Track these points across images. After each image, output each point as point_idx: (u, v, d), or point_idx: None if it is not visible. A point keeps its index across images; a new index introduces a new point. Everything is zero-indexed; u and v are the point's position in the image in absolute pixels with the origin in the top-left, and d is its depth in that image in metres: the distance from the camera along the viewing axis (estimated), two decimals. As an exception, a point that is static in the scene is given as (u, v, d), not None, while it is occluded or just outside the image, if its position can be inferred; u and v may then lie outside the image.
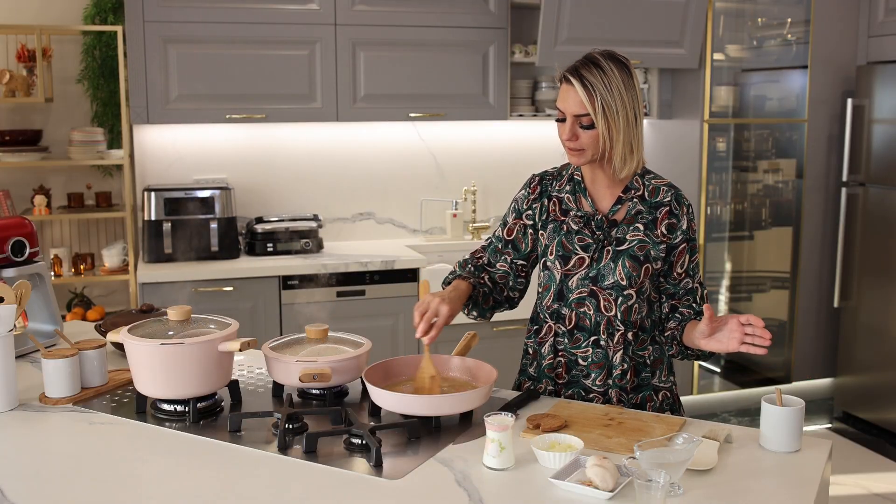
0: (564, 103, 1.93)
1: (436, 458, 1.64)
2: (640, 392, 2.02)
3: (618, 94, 1.88)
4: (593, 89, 1.87)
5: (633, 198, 2.00)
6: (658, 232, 1.97)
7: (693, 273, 2.01)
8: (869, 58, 4.53)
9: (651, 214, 1.98)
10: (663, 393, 2.05)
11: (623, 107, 1.89)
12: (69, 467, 1.62)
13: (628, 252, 1.96)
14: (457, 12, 4.12)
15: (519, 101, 4.43)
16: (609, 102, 1.87)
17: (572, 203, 2.04)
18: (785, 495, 1.50)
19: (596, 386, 2.00)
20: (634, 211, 1.99)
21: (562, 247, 2.00)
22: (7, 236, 2.27)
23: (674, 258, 1.99)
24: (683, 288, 2.01)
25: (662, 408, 2.04)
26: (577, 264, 1.99)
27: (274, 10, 3.90)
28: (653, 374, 2.03)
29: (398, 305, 3.94)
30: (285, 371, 1.92)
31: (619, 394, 1.99)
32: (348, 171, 4.41)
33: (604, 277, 1.97)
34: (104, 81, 4.08)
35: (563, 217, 2.03)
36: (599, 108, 1.87)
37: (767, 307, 4.92)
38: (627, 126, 1.90)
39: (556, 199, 2.06)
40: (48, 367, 1.95)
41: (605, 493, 1.46)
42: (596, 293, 1.98)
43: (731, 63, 4.67)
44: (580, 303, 1.99)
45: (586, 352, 2.00)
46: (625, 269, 1.95)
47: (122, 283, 4.22)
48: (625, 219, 1.99)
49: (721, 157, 4.69)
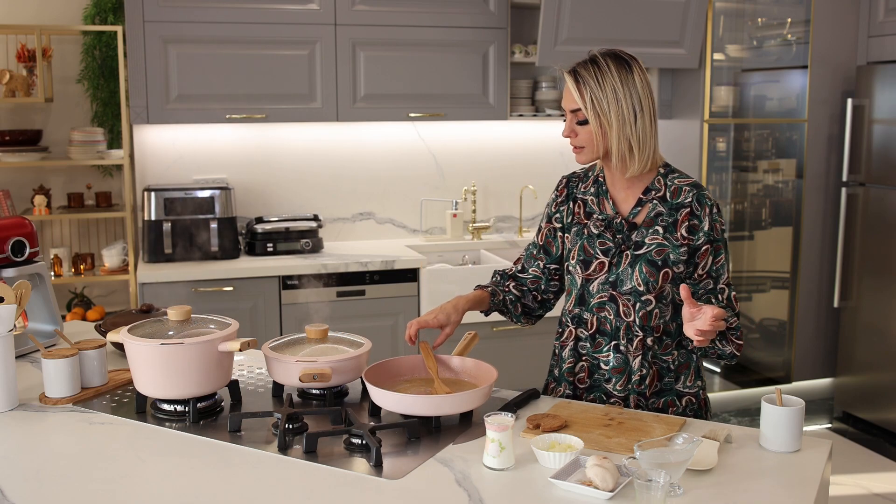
0: (563, 100, 1.97)
1: (436, 458, 1.64)
2: (663, 397, 1.99)
3: (610, 91, 1.88)
4: (584, 84, 1.89)
5: (654, 199, 1.97)
6: (678, 234, 1.93)
7: (716, 275, 1.95)
8: (869, 58, 4.53)
9: (672, 216, 1.95)
10: (687, 398, 2.01)
11: (616, 103, 1.88)
12: (69, 467, 1.62)
13: (646, 257, 1.93)
14: (457, 12, 4.12)
15: (519, 101, 4.43)
16: (598, 97, 1.88)
17: (595, 206, 2.03)
18: (785, 495, 1.50)
19: (616, 391, 1.98)
20: (654, 213, 1.96)
21: (583, 251, 2.00)
22: (7, 236, 2.27)
23: (697, 259, 1.94)
24: (703, 288, 1.95)
25: (686, 413, 2.01)
26: (597, 269, 1.98)
27: (274, 10, 3.90)
28: (677, 379, 2.00)
29: (398, 305, 3.94)
30: (285, 371, 1.92)
31: (637, 399, 1.97)
32: (348, 171, 4.41)
33: (622, 283, 1.95)
34: (104, 81, 4.08)
35: (586, 220, 2.03)
36: (589, 103, 1.89)
37: (767, 307, 4.93)
38: (622, 123, 1.89)
39: (581, 202, 2.06)
40: (48, 367, 1.95)
41: (605, 493, 1.46)
42: (616, 298, 1.96)
43: (731, 63, 4.67)
44: (601, 307, 1.98)
45: (607, 356, 1.99)
46: (642, 274, 1.93)
47: (122, 283, 4.22)
48: (645, 221, 1.96)
49: (721, 157, 4.69)
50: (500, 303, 2.10)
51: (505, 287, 2.12)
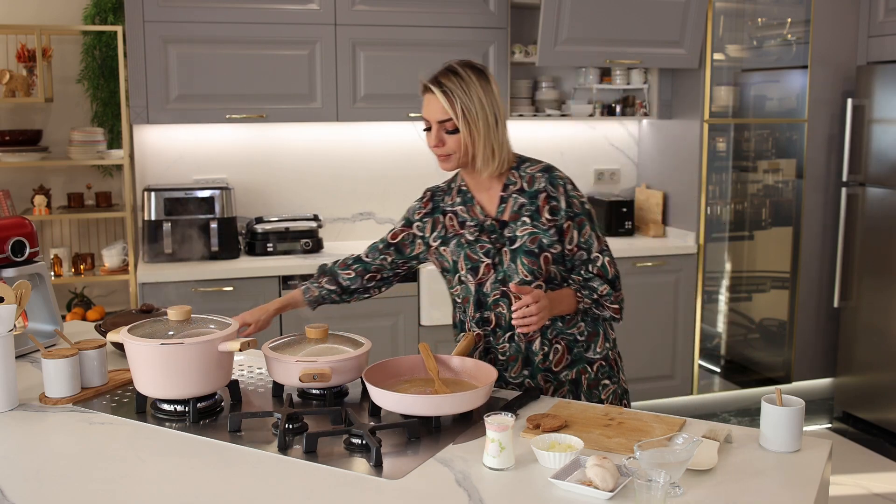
0: (428, 112, 2.04)
1: (436, 458, 1.64)
2: (574, 367, 2.11)
3: (477, 99, 1.99)
4: (453, 95, 1.98)
5: (514, 193, 2.08)
6: (543, 219, 2.05)
7: (587, 245, 2.07)
8: (869, 58, 4.53)
9: (533, 204, 2.06)
10: (598, 363, 2.14)
11: (483, 110, 1.99)
12: (69, 467, 1.62)
13: (522, 248, 2.05)
14: (457, 12, 4.12)
15: (519, 101, 4.43)
16: (469, 107, 1.98)
17: (466, 214, 2.13)
18: (785, 495, 1.50)
19: (512, 377, 2.09)
20: (518, 205, 2.07)
21: (468, 259, 2.10)
22: (7, 236, 2.28)
23: (563, 237, 2.06)
24: (578, 259, 2.08)
25: (598, 377, 2.13)
26: (485, 271, 2.09)
27: (274, 10, 3.90)
28: (587, 348, 2.12)
29: (398, 305, 3.94)
30: (285, 371, 1.92)
31: (545, 376, 2.08)
32: (348, 171, 4.41)
33: (511, 278, 2.06)
34: (104, 81, 4.08)
35: (461, 230, 2.12)
36: (460, 113, 1.98)
37: (767, 307, 4.93)
38: (488, 129, 2.01)
39: (451, 214, 2.15)
40: (48, 367, 1.95)
41: (605, 493, 1.46)
42: (507, 293, 2.06)
43: (731, 63, 4.67)
44: (497, 304, 2.09)
45: (504, 347, 2.10)
46: (524, 265, 2.04)
47: (122, 283, 4.22)
48: (511, 215, 2.08)
49: (721, 157, 4.69)
50: (320, 298, 2.24)
51: (319, 283, 2.24)
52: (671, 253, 4.39)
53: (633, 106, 4.68)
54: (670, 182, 4.64)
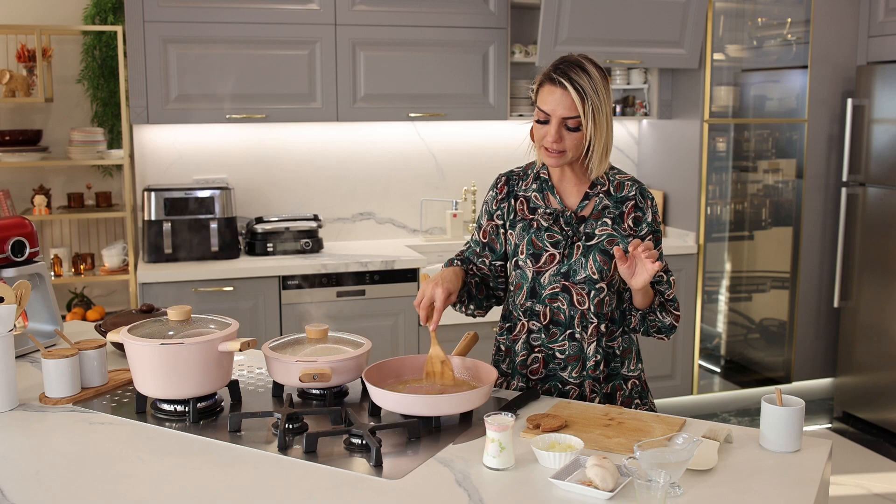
0: (552, 106, 1.95)
1: (436, 458, 1.64)
2: (611, 381, 2.08)
3: (603, 98, 1.95)
4: (584, 93, 1.92)
5: (600, 193, 2.06)
6: (625, 225, 2.03)
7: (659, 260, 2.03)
8: (869, 58, 4.53)
9: (618, 209, 2.04)
10: (632, 381, 2.11)
11: (605, 110, 1.96)
12: (69, 467, 1.62)
13: (598, 246, 2.02)
14: (457, 12, 4.12)
15: (519, 101, 4.43)
16: (598, 106, 1.94)
17: (540, 201, 2.08)
18: (785, 495, 1.50)
19: (572, 378, 2.05)
20: (601, 206, 2.05)
21: (532, 245, 2.05)
22: (7, 236, 2.27)
23: None
24: None
25: (632, 395, 2.11)
26: (547, 261, 2.04)
27: (274, 10, 3.90)
28: (622, 364, 2.09)
29: (398, 305, 3.94)
30: (285, 371, 1.92)
31: (592, 385, 2.05)
32: (348, 171, 4.41)
33: (575, 272, 2.02)
34: (104, 81, 4.08)
35: (531, 215, 2.08)
36: (589, 111, 1.93)
37: (767, 307, 4.93)
38: (607, 129, 1.97)
39: (524, 199, 2.10)
40: (48, 367, 1.95)
41: (605, 493, 1.46)
42: (568, 288, 2.03)
43: (731, 63, 4.67)
44: (553, 298, 2.04)
45: (563, 345, 2.05)
46: (596, 263, 2.01)
47: (122, 283, 4.22)
48: (592, 214, 2.05)
49: (721, 157, 4.69)
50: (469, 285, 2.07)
51: (470, 269, 2.11)
52: (671, 253, 4.39)
53: (634, 106, 4.68)
54: (670, 182, 4.64)
